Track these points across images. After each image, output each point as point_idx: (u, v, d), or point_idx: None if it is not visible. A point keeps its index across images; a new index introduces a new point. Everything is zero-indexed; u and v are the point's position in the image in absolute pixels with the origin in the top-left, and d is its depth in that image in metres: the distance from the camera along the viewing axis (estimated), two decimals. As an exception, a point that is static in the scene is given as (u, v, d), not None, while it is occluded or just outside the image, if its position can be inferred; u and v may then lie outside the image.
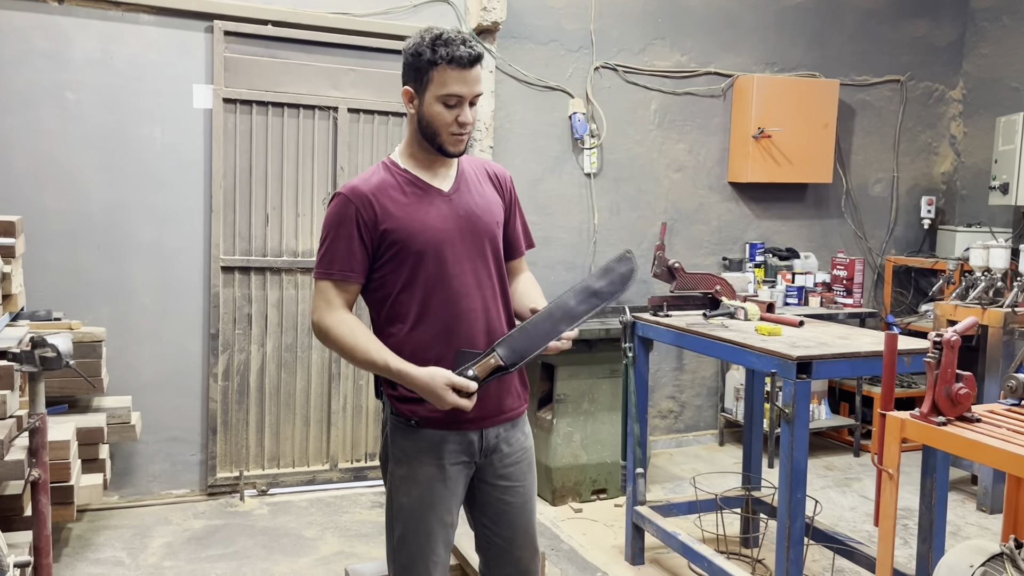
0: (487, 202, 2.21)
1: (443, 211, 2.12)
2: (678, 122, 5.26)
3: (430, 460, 2.11)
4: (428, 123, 2.07)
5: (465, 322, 2.10)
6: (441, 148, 2.09)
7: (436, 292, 2.09)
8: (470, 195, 2.18)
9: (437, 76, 2.02)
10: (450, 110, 2.04)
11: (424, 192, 2.12)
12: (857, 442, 5.29)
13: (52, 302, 3.96)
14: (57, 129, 3.98)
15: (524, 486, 2.24)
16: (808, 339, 2.97)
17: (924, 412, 2.20)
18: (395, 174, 2.13)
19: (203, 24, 4.15)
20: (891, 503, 2.28)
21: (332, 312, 2.07)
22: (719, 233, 5.46)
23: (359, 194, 2.08)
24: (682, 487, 4.63)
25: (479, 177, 2.24)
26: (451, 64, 2.01)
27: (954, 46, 5.99)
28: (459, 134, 2.07)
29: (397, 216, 2.07)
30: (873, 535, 4.02)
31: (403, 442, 2.13)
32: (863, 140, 5.82)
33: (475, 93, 2.06)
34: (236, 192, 4.28)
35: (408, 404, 2.10)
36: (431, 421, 2.09)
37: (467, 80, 2.03)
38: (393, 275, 2.09)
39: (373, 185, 2.10)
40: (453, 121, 2.05)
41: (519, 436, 2.24)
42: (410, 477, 2.11)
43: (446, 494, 2.13)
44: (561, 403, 4.32)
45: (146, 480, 4.27)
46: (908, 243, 6.01)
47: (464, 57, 2.01)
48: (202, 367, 4.30)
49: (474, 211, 2.16)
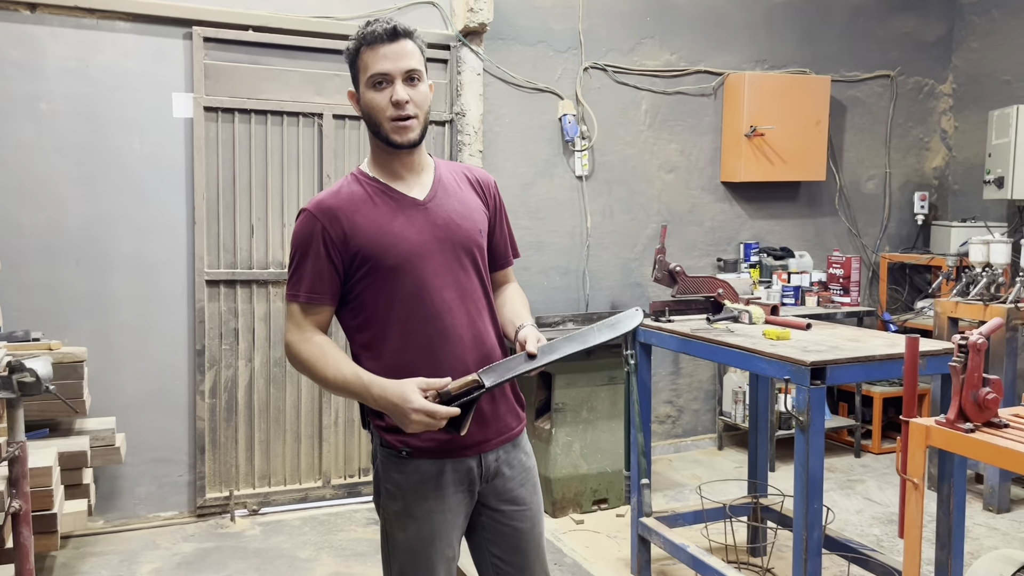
0: (468, 209, 2.05)
1: (417, 222, 1.96)
2: (669, 122, 5.18)
3: (426, 493, 1.96)
4: (368, 115, 1.95)
5: (450, 341, 1.95)
6: (387, 140, 1.93)
7: (416, 310, 1.93)
8: (448, 202, 2.03)
9: (362, 62, 1.93)
10: (380, 92, 1.91)
11: (396, 202, 1.97)
12: (858, 443, 5.21)
13: (30, 321, 3.81)
14: (31, 141, 3.84)
15: (531, 508, 2.11)
16: (818, 343, 2.88)
17: (951, 419, 2.11)
18: (364, 184, 1.99)
19: (181, 31, 4.02)
20: (917, 514, 2.19)
21: (301, 334, 1.94)
22: (713, 234, 5.37)
23: (325, 209, 1.93)
24: (683, 494, 4.54)
25: (459, 183, 2.09)
26: (370, 44, 1.90)
27: (943, 41, 5.95)
28: (399, 118, 1.90)
29: (367, 230, 1.92)
30: (883, 539, 3.94)
31: (396, 475, 1.97)
32: (855, 137, 5.76)
33: (403, 68, 1.90)
34: (219, 203, 4.15)
35: (398, 435, 1.93)
36: (424, 451, 1.94)
37: (389, 55, 1.89)
38: (368, 294, 1.94)
39: (341, 199, 1.95)
40: (387, 103, 1.90)
41: (520, 456, 2.10)
42: (406, 512, 1.96)
43: (445, 527, 1.98)
44: (559, 412, 4.21)
45: (132, 503, 4.12)
46: (902, 239, 5.95)
47: (381, 32, 1.90)
48: (188, 385, 4.16)
49: (453, 219, 2.01)
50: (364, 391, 1.86)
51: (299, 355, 1.94)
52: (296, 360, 1.96)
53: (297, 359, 1.95)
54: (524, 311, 2.13)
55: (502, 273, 2.20)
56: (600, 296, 5.04)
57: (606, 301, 5.05)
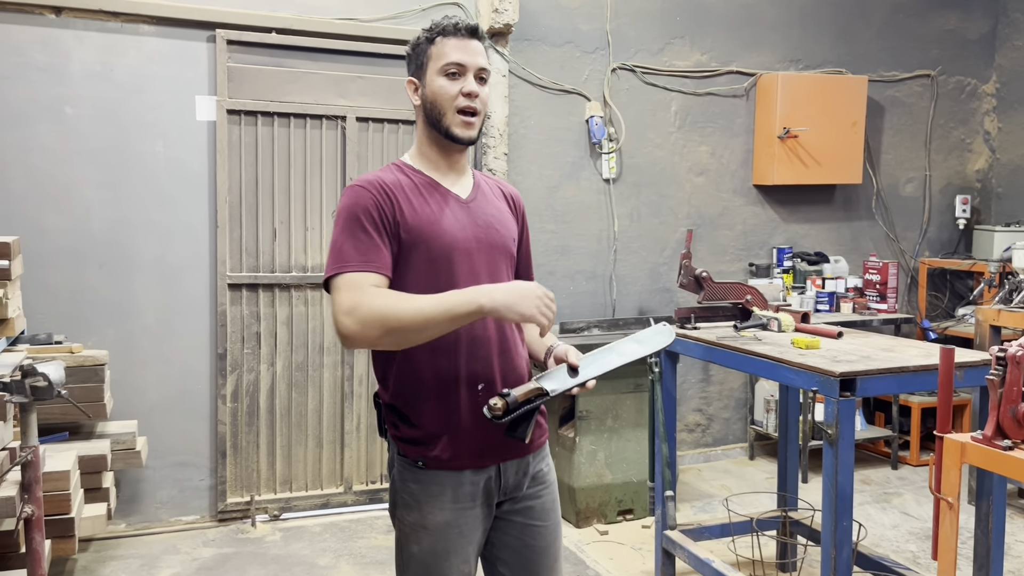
0: (504, 217, 2.03)
1: (461, 218, 1.93)
2: (700, 124, 5.06)
3: (442, 505, 1.89)
4: (432, 103, 1.90)
5: (478, 342, 1.89)
6: (448, 132, 1.89)
7: None
8: (487, 206, 2.00)
9: (435, 51, 1.90)
10: (453, 81, 1.88)
11: (442, 196, 1.94)
12: (895, 454, 5.05)
13: (54, 324, 3.82)
14: (56, 145, 3.85)
15: (549, 526, 2.02)
16: (849, 352, 2.76)
17: (987, 435, 1.99)
18: (409, 175, 1.94)
19: (205, 34, 4.01)
20: (951, 535, 2.07)
21: (363, 292, 1.75)
22: (744, 238, 5.24)
23: (378, 185, 1.87)
24: (712, 505, 4.42)
25: (494, 193, 2.07)
26: (448, 35, 1.90)
27: (986, 39, 5.76)
28: (467, 111, 1.88)
29: (413, 217, 1.87)
30: (919, 557, 3.79)
31: (412, 486, 1.91)
32: (893, 138, 5.59)
33: (478, 65, 1.90)
34: (242, 206, 4.13)
35: (415, 446, 1.89)
36: (442, 462, 1.88)
37: (467, 49, 1.89)
38: (401, 281, 1.86)
39: (387, 180, 1.90)
40: (458, 93, 1.87)
41: (542, 469, 2.03)
42: (421, 524, 1.90)
43: (462, 542, 1.91)
44: (583, 420, 4.12)
45: (154, 507, 4.11)
46: (943, 244, 5.76)
47: (461, 26, 1.90)
48: (210, 388, 4.15)
49: (492, 223, 1.98)
50: (469, 303, 1.72)
51: (371, 309, 1.72)
52: (368, 318, 1.72)
53: (371, 315, 1.72)
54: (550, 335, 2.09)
55: None
56: (627, 301, 4.94)
57: (633, 306, 4.95)
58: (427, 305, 1.73)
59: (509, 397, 1.75)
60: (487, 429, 1.83)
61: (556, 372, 1.86)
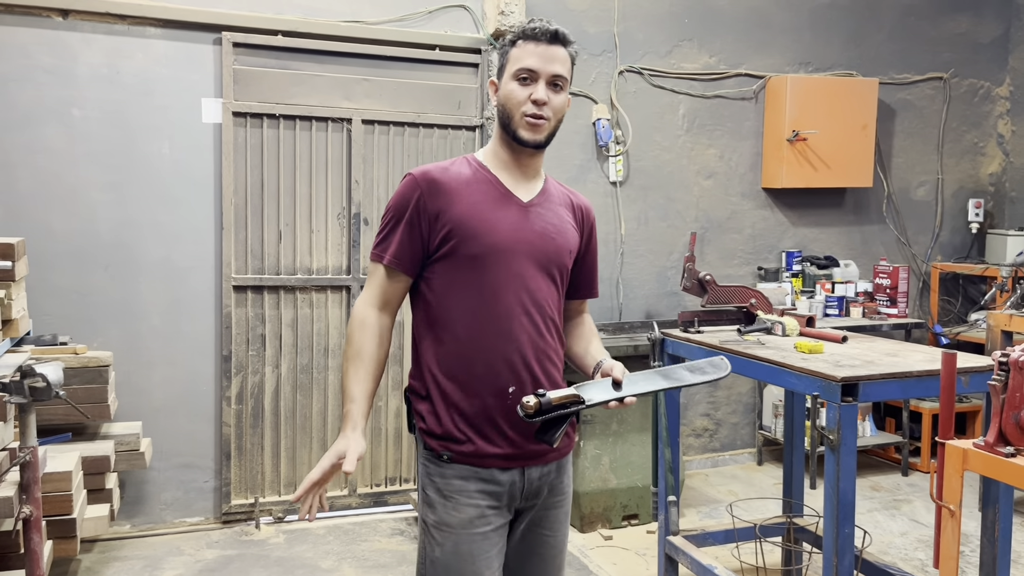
0: (564, 226, 2.02)
1: (516, 220, 1.93)
2: (708, 126, 5.03)
3: (466, 501, 1.88)
4: (503, 106, 1.93)
5: (512, 348, 1.89)
6: (515, 135, 1.91)
7: (488, 306, 1.89)
8: (548, 213, 2.00)
9: (514, 54, 1.93)
10: (523, 87, 1.89)
11: (501, 195, 1.95)
12: (905, 460, 4.99)
13: (60, 325, 3.84)
14: (63, 147, 3.87)
15: (558, 537, 2.02)
16: (853, 357, 2.73)
17: (989, 442, 1.95)
18: (474, 169, 1.97)
19: (211, 36, 4.02)
20: (953, 542, 2.03)
21: (369, 308, 1.94)
22: (753, 242, 5.20)
23: (429, 180, 1.91)
24: (718, 511, 4.38)
25: (562, 202, 2.06)
26: (527, 39, 1.92)
27: (999, 41, 5.70)
28: (533, 116, 1.89)
29: (463, 212, 1.89)
30: (927, 564, 3.74)
31: (437, 480, 1.91)
32: (904, 141, 5.54)
33: (551, 71, 1.90)
34: (248, 208, 4.13)
35: (439, 440, 1.89)
36: (466, 456, 1.88)
37: (542, 55, 1.90)
38: (446, 275, 1.91)
39: (448, 175, 1.93)
40: (526, 99, 1.88)
41: (564, 480, 2.02)
42: (444, 522, 1.89)
43: (485, 544, 1.89)
44: (588, 424, 4.10)
45: (158, 508, 4.12)
46: (955, 249, 5.70)
47: (542, 31, 1.91)
48: (215, 390, 4.15)
49: (548, 231, 1.97)
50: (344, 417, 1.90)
51: (351, 327, 1.94)
52: (349, 329, 1.96)
53: (349, 332, 1.95)
54: (599, 345, 2.10)
55: (578, 304, 2.16)
56: (634, 305, 4.91)
57: (640, 310, 4.92)
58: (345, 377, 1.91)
59: (544, 398, 1.75)
60: (515, 430, 1.86)
61: (597, 384, 1.85)
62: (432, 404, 1.92)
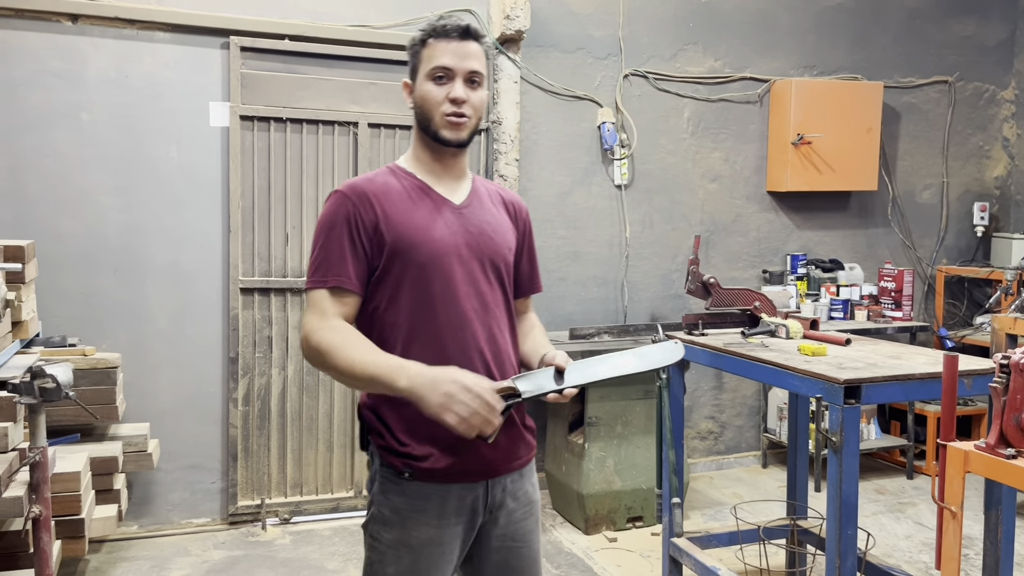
0: (500, 224, 1.98)
1: (452, 224, 1.88)
2: (713, 130, 5.05)
3: (426, 520, 1.82)
4: (420, 107, 1.88)
5: (468, 354, 1.83)
6: (436, 135, 1.86)
7: (437, 315, 1.82)
8: (483, 212, 1.95)
9: (426, 53, 1.87)
10: (440, 86, 1.85)
11: (433, 201, 1.89)
12: (910, 464, 4.99)
13: (68, 327, 3.87)
14: (72, 151, 3.90)
15: (530, 546, 1.97)
16: (856, 359, 2.74)
17: (991, 444, 1.96)
18: (401, 178, 1.91)
19: (219, 40, 4.06)
20: (955, 544, 2.04)
21: (323, 320, 1.76)
22: (758, 245, 5.22)
23: (359, 192, 1.84)
24: (723, 513, 4.39)
25: (493, 200, 2.02)
26: (438, 37, 1.86)
27: (1004, 45, 5.70)
28: (453, 115, 1.84)
29: (399, 222, 1.83)
30: (931, 566, 3.74)
31: (395, 499, 1.82)
32: (909, 145, 5.55)
33: (467, 68, 1.85)
34: (255, 211, 4.16)
35: (401, 457, 1.81)
36: (430, 474, 1.80)
37: (456, 52, 1.85)
38: (388, 290, 1.83)
39: (376, 185, 1.87)
40: (444, 99, 1.84)
41: (527, 488, 1.97)
42: (402, 541, 1.82)
43: (441, 561, 1.84)
44: (593, 426, 4.11)
45: (166, 509, 4.14)
46: (960, 252, 5.70)
47: (451, 28, 1.85)
48: (222, 392, 4.18)
49: (486, 230, 1.93)
50: (395, 371, 1.69)
51: (319, 343, 1.74)
52: (314, 349, 1.75)
53: (316, 348, 1.74)
54: (547, 340, 2.05)
55: (523, 302, 2.11)
56: (639, 307, 4.92)
57: (645, 313, 4.93)
58: (358, 361, 1.72)
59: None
60: (479, 444, 1.77)
61: (537, 374, 1.79)
62: (390, 421, 1.83)
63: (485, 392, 1.66)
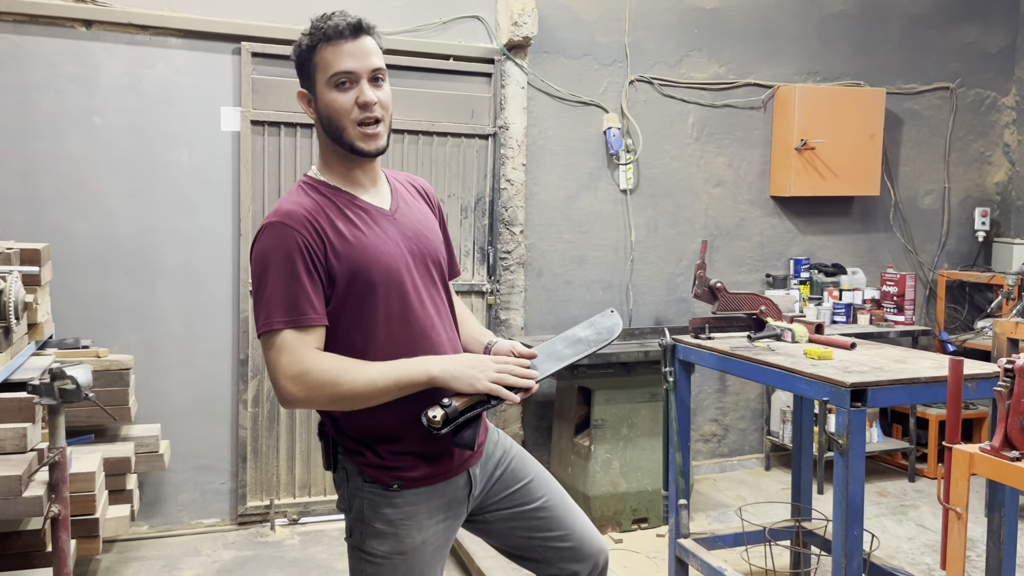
0: (428, 221, 1.94)
1: (391, 234, 1.81)
2: (717, 135, 5.10)
3: (419, 524, 1.83)
4: (328, 119, 1.77)
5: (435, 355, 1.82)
6: (351, 147, 1.76)
7: (401, 331, 1.78)
8: (411, 213, 1.90)
9: (320, 60, 1.76)
10: (345, 92, 1.74)
11: (366, 212, 1.80)
12: (912, 466, 5.03)
13: (81, 329, 3.91)
14: (85, 154, 3.95)
15: (535, 479, 2.02)
16: (861, 363, 2.79)
17: (995, 446, 2.01)
18: (326, 193, 1.79)
19: (231, 46, 4.10)
20: (959, 544, 2.09)
21: (304, 353, 1.67)
22: (761, 249, 5.26)
23: (298, 219, 1.71)
24: (727, 515, 4.43)
25: (412, 194, 1.97)
26: (330, 40, 1.74)
27: (1006, 52, 5.75)
28: (366, 123, 1.75)
29: (344, 246, 1.73)
30: (934, 568, 3.78)
31: (387, 512, 1.81)
32: (911, 150, 5.60)
33: (369, 67, 1.75)
34: (264, 215, 4.20)
35: (388, 471, 1.80)
36: (416, 480, 1.82)
37: (354, 53, 1.74)
38: (340, 314, 1.75)
39: (308, 208, 1.74)
40: (352, 105, 1.74)
41: (489, 446, 2.00)
42: (398, 551, 1.81)
43: (434, 559, 1.87)
44: (599, 429, 4.16)
45: (176, 509, 4.18)
46: (962, 257, 5.75)
47: (344, 27, 1.74)
48: (231, 393, 4.22)
49: (420, 231, 1.88)
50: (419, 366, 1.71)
51: (320, 377, 1.67)
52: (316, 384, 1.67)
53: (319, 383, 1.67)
54: (481, 327, 2.12)
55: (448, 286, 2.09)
56: (644, 311, 4.97)
57: (650, 316, 4.98)
58: (378, 375, 1.69)
59: (449, 408, 1.70)
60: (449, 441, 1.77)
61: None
62: (366, 440, 1.81)
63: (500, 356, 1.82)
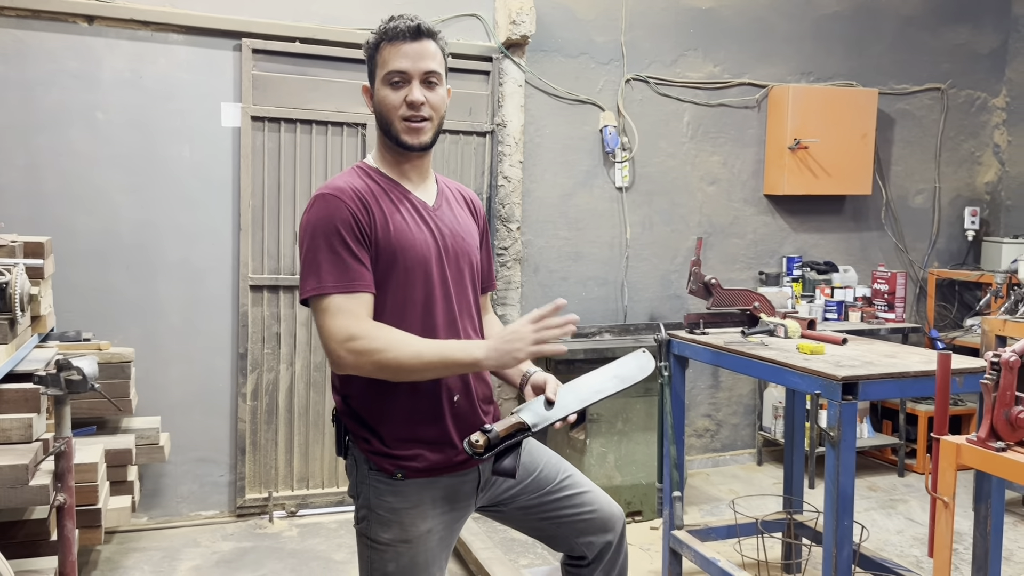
0: (469, 225, 2.03)
1: (430, 226, 1.90)
2: (712, 134, 5.16)
3: (423, 513, 1.86)
4: (380, 113, 1.88)
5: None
6: (397, 140, 1.86)
7: (423, 319, 1.85)
8: (452, 213, 1.99)
9: (380, 58, 1.87)
10: (396, 90, 1.84)
11: (411, 203, 1.90)
12: (901, 462, 5.11)
13: (82, 322, 3.95)
14: (87, 149, 3.98)
15: (545, 463, 2.06)
16: (853, 358, 2.85)
17: (982, 437, 2.07)
18: (377, 180, 1.90)
19: (232, 43, 4.14)
20: (946, 533, 2.15)
21: (362, 323, 1.74)
22: (755, 247, 5.33)
23: (349, 193, 1.81)
24: (720, 509, 4.50)
25: (457, 200, 2.06)
26: (391, 40, 1.85)
27: (996, 53, 5.83)
28: (412, 119, 1.84)
29: (386, 227, 1.81)
30: (922, 560, 3.86)
31: (391, 500, 1.85)
32: (903, 150, 5.67)
33: (422, 69, 1.84)
34: (264, 210, 4.25)
35: (392, 459, 1.84)
36: (420, 471, 1.86)
37: (410, 54, 1.83)
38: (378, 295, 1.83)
39: (358, 187, 1.84)
40: (401, 103, 1.83)
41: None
42: (402, 539, 1.85)
43: (440, 547, 1.90)
44: (594, 423, 4.22)
45: (175, 501, 4.23)
46: (951, 255, 5.83)
47: (404, 29, 1.84)
48: (231, 387, 4.26)
49: (458, 231, 1.97)
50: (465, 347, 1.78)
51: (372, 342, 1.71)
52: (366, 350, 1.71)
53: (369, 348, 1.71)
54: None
55: (484, 299, 2.15)
56: (639, 307, 5.03)
57: (645, 313, 5.04)
58: (426, 351, 1.75)
59: (491, 433, 1.74)
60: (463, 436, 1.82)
61: (534, 404, 1.85)
62: (375, 425, 1.85)
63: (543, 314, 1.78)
